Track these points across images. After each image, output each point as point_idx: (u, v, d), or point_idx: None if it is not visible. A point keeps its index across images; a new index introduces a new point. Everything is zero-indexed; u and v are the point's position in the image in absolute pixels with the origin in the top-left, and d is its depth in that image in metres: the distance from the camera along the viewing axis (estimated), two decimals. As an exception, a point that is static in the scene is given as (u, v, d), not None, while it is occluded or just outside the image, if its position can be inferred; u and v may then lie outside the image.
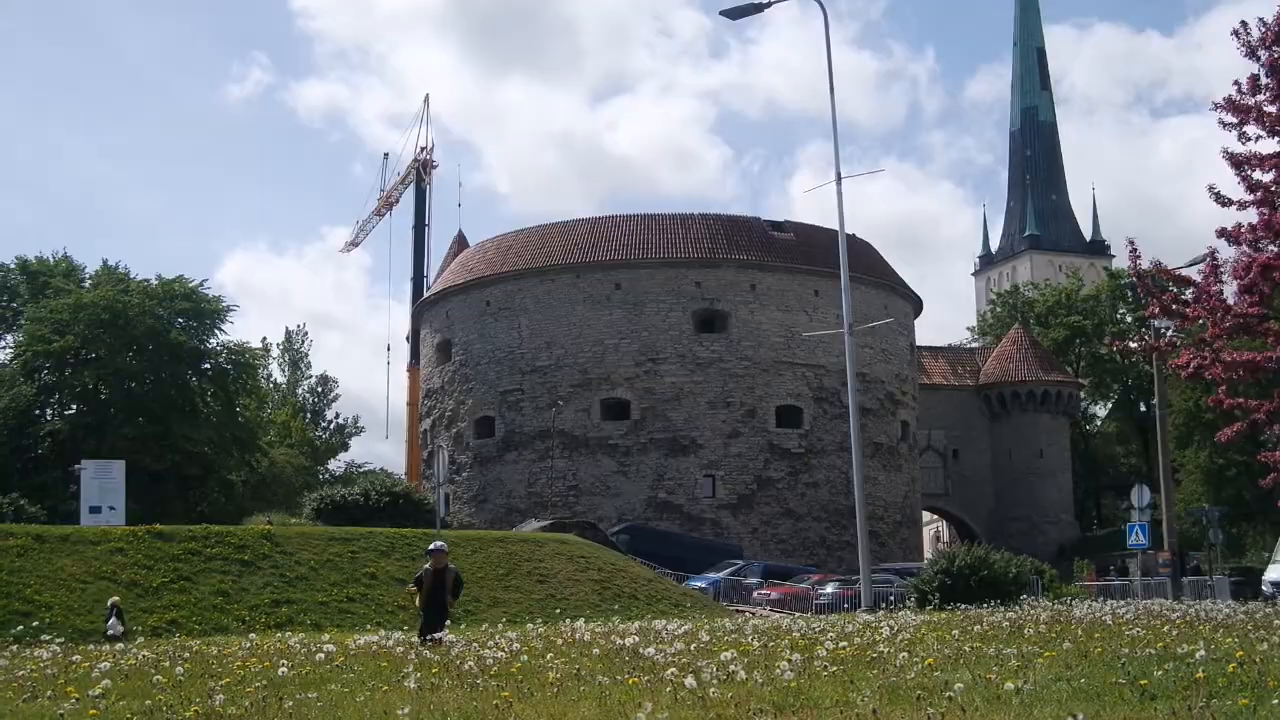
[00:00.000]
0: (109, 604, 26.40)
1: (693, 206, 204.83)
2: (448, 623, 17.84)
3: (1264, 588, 35.94)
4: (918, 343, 76.29)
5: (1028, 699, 8.54)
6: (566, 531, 45.37)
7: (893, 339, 68.41)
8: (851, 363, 32.71)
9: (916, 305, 74.32)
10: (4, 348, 70.19)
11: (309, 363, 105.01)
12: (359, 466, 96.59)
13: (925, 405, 75.09)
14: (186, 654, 14.77)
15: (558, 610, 29.12)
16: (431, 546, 18.83)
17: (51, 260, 71.08)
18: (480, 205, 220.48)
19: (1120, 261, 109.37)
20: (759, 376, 64.02)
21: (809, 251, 65.17)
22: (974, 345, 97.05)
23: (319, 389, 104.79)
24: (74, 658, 14.05)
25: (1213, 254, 17.63)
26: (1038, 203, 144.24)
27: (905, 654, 11.69)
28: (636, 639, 14.08)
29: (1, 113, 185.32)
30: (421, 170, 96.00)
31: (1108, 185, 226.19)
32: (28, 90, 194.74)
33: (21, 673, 12.43)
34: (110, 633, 24.47)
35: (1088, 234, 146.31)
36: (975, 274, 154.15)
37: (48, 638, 16.85)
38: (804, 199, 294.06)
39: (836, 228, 32.85)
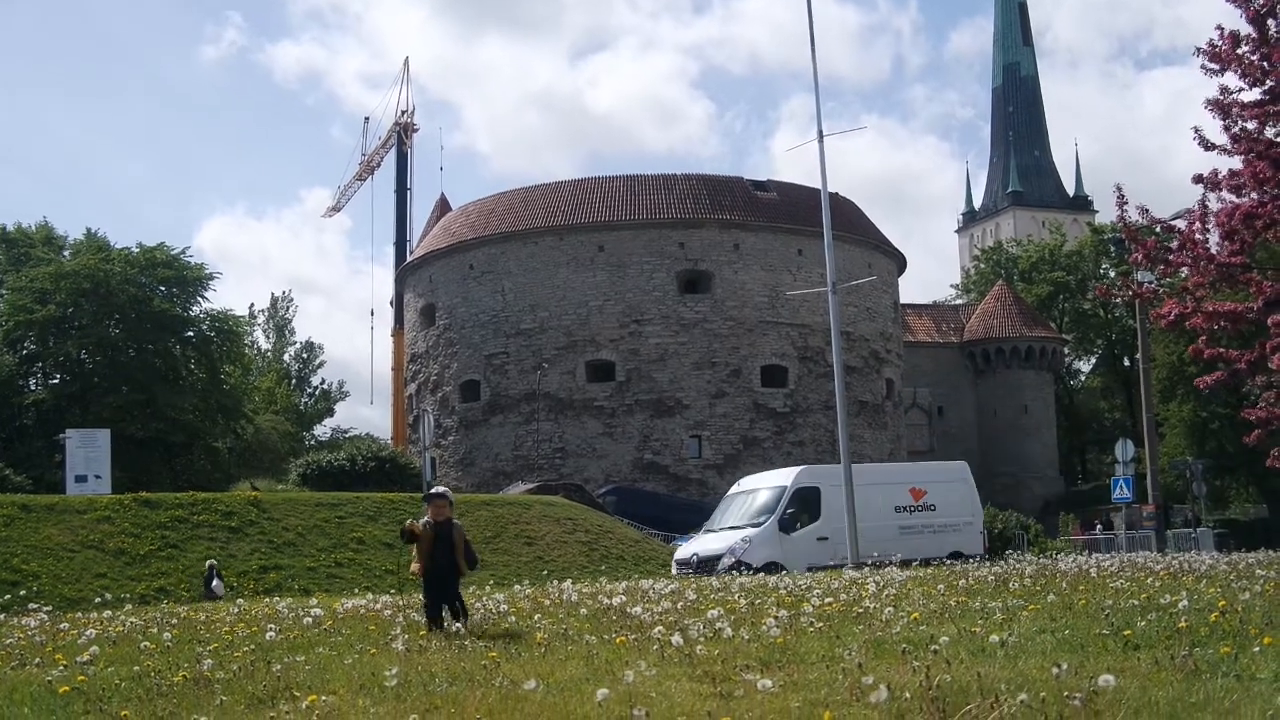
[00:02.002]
0: (207, 565, 27.36)
1: (676, 165, 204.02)
2: (463, 606, 12.93)
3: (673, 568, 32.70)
4: (902, 300, 76.35)
5: (1012, 651, 8.60)
6: (553, 494, 45.45)
7: (876, 297, 68.45)
8: (836, 321, 32.74)
9: (900, 263, 74.34)
10: (-15, 317, 69.86)
11: (293, 329, 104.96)
12: (344, 432, 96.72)
13: (910, 363, 75.26)
14: (174, 620, 14.78)
15: (545, 572, 29.24)
16: (433, 491, 13.55)
17: (31, 229, 70.70)
18: (460, 165, 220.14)
19: (1104, 217, 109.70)
20: (744, 336, 64.06)
21: (792, 210, 65.08)
22: (958, 302, 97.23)
23: (304, 355, 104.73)
24: (62, 625, 14.06)
25: (1203, 202, 17.58)
26: (1020, 159, 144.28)
27: (891, 609, 11.75)
28: (624, 598, 14.15)
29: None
30: (402, 134, 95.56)
31: (1091, 139, 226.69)
32: (2, 58, 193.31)
33: (9, 640, 12.45)
34: (215, 593, 25.05)
35: (1070, 189, 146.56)
36: (959, 231, 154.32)
37: (35, 606, 16.85)
38: (786, 157, 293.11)
39: (819, 186, 32.79)
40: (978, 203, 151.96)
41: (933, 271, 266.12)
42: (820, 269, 53.27)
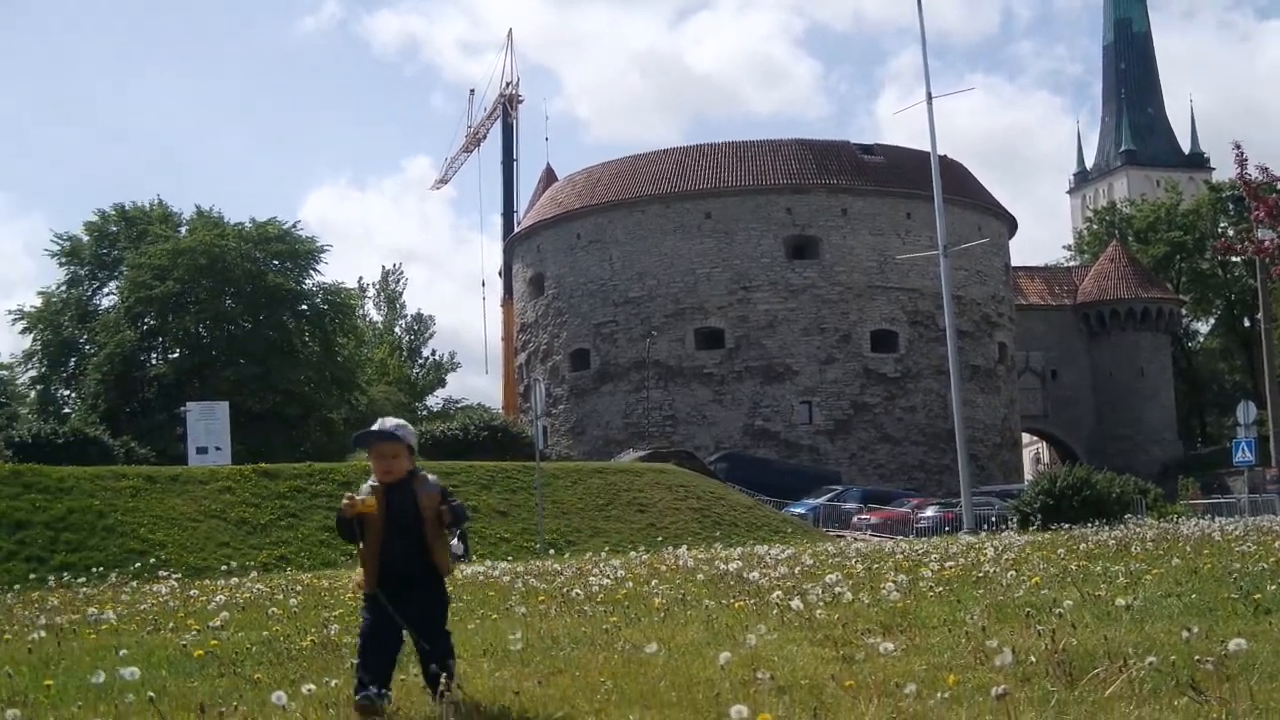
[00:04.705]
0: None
1: (781, 129, 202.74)
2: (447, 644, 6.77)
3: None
4: (1013, 263, 75.34)
5: (1138, 615, 8.47)
6: (664, 461, 45.58)
7: (987, 260, 67.62)
8: (947, 285, 32.47)
9: (1011, 225, 73.35)
10: (108, 294, 71.56)
11: (403, 302, 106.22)
12: (456, 402, 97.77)
13: (1022, 326, 74.30)
14: (299, 587, 15.08)
15: (659, 538, 29.30)
16: (373, 428, 6.84)
17: (148, 207, 72.18)
18: (562, 132, 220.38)
19: (1221, 174, 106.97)
20: (853, 301, 63.70)
21: (900, 174, 64.49)
22: (1071, 264, 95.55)
23: (414, 327, 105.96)
24: (191, 592, 14.41)
25: None
26: (1133, 116, 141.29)
27: (1012, 573, 11.64)
28: (740, 564, 14.14)
29: (85, 63, 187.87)
30: (508, 105, 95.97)
31: (1206, 94, 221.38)
32: (108, 38, 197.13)
33: (143, 607, 12.79)
34: (455, 553, 25.56)
35: (1186, 147, 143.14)
36: (1070, 192, 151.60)
37: (165, 574, 17.28)
38: (892, 119, 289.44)
39: (927, 148, 32.54)
40: (1089, 162, 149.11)
41: (1044, 233, 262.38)
42: (929, 232, 52.79)
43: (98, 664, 7.52)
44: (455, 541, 6.77)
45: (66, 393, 71.82)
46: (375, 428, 6.77)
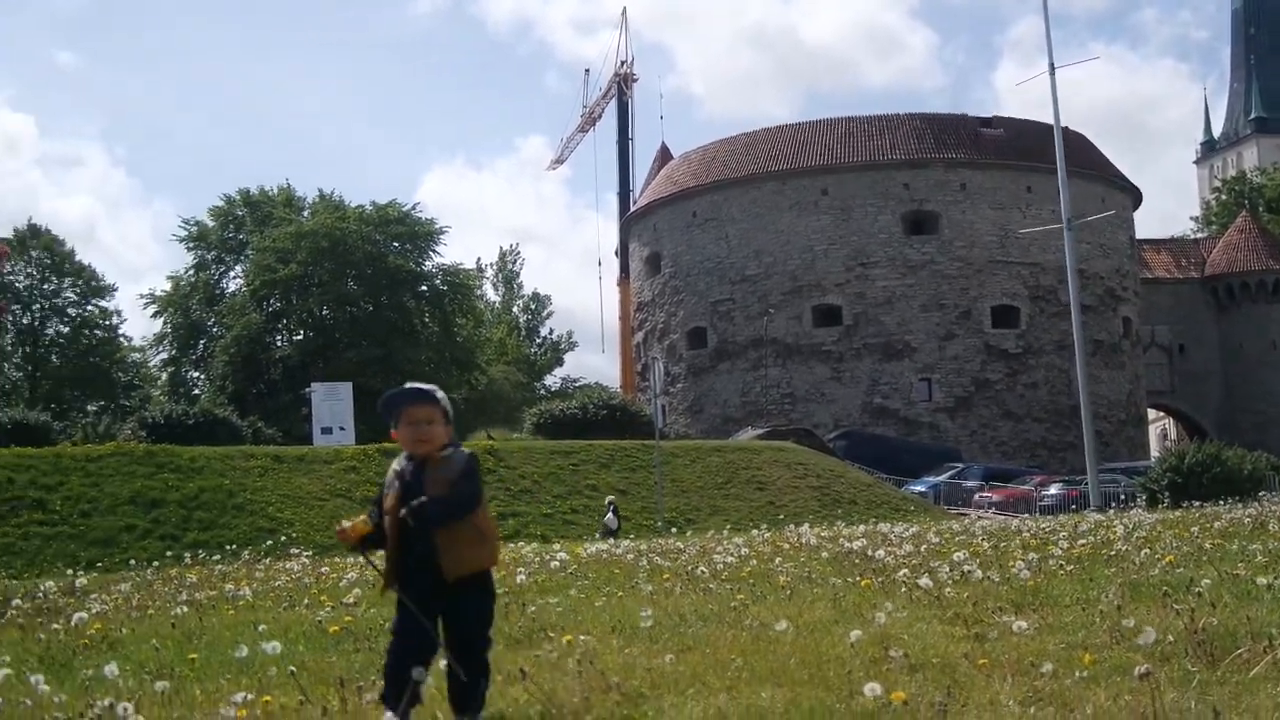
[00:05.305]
0: (607, 501, 28.70)
1: (897, 104, 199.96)
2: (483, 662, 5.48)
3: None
4: (1138, 235, 73.80)
5: (1280, 594, 8.27)
6: (783, 439, 45.47)
7: (1111, 233, 66.32)
8: (1071, 259, 31.95)
9: (1135, 197, 71.92)
10: (234, 278, 73.10)
11: (521, 282, 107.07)
12: (574, 381, 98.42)
13: (1148, 300, 72.84)
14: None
15: (780, 516, 29.25)
16: (406, 387, 5.68)
17: (274, 192, 73.50)
18: (676, 109, 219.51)
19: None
20: (973, 277, 62.92)
21: (1020, 147, 63.55)
22: (1198, 236, 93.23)
23: (532, 307, 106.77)
24: (322, 569, 14.68)
25: None
26: (1264, 82, 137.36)
27: (1145, 552, 11.43)
28: (864, 542, 14.06)
29: (209, 51, 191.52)
30: (623, 84, 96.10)
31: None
32: (231, 26, 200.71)
33: (277, 583, 13.07)
34: (609, 527, 26.30)
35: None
36: (1197, 162, 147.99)
37: (295, 551, 17.62)
38: (1011, 90, 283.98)
39: (1047, 120, 32.06)
40: (1217, 131, 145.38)
41: (1170, 205, 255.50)
42: (1051, 206, 51.95)
43: (238, 638, 7.69)
44: (609, 516, 6.76)
45: (196, 374, 73.68)
46: (412, 386, 5.68)
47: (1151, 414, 78.90)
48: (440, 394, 5.63)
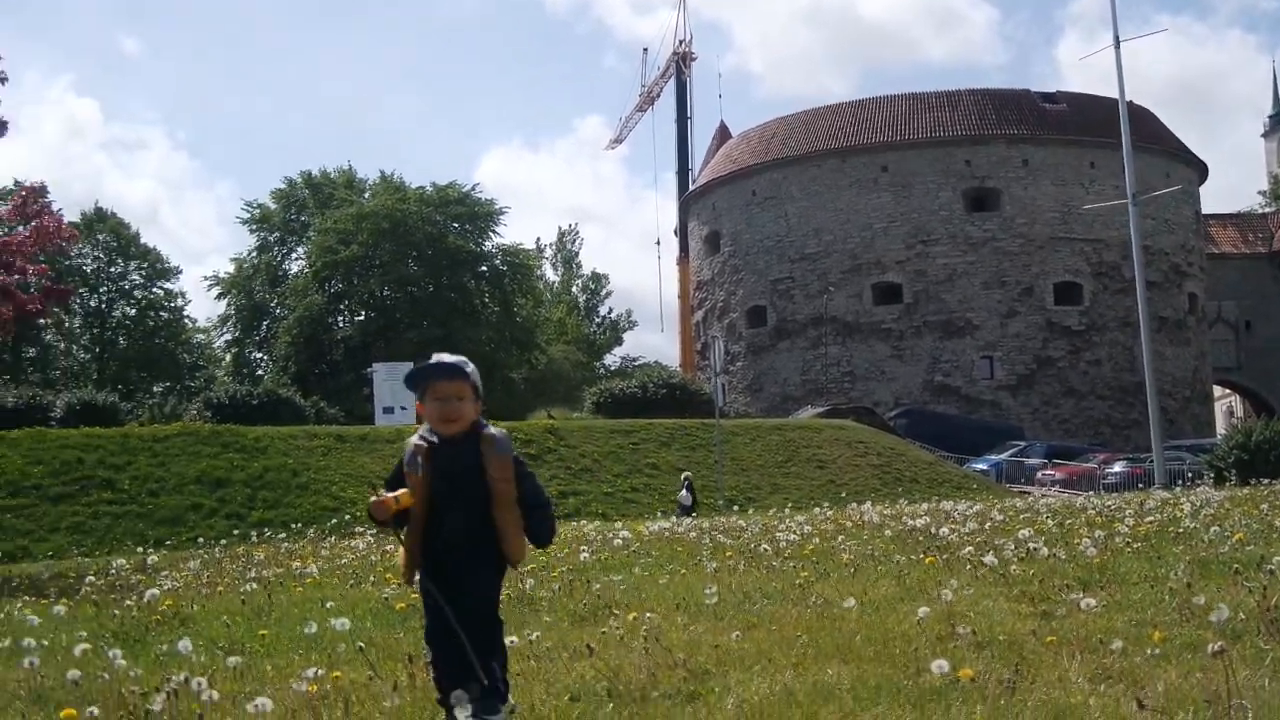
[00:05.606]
0: (683, 478, 29.18)
1: (957, 79, 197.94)
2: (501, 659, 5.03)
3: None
4: (1204, 210, 72.80)
5: (1353, 572, 8.17)
6: (843, 417, 45.31)
7: (1176, 208, 65.48)
8: (1136, 235, 31.60)
9: (1201, 171, 70.94)
10: (296, 259, 73.69)
11: (579, 262, 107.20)
12: (633, 360, 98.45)
13: (1214, 275, 71.87)
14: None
15: (841, 495, 29.17)
16: (432, 361, 5.30)
17: (334, 174, 74.00)
18: (734, 87, 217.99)
19: None
20: (1035, 254, 62.35)
21: (1083, 122, 62.82)
22: (1266, 210, 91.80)
23: (591, 286, 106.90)
24: (386, 548, 14.80)
25: None
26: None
27: (1214, 529, 11.31)
28: (927, 520, 14.01)
29: (269, 32, 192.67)
30: (681, 63, 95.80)
31: None
32: (290, 7, 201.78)
33: (343, 561, 13.21)
34: (684, 504, 26.64)
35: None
36: (1265, 135, 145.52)
37: (360, 530, 17.78)
38: (1073, 65, 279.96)
39: (1109, 94, 31.69)
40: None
41: (1237, 179, 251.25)
42: (1114, 181, 51.38)
43: (307, 615, 7.78)
44: (684, 493, 6.72)
45: (259, 355, 74.41)
46: (439, 360, 5.26)
47: (1217, 391, 77.91)
48: (470, 367, 5.22)
